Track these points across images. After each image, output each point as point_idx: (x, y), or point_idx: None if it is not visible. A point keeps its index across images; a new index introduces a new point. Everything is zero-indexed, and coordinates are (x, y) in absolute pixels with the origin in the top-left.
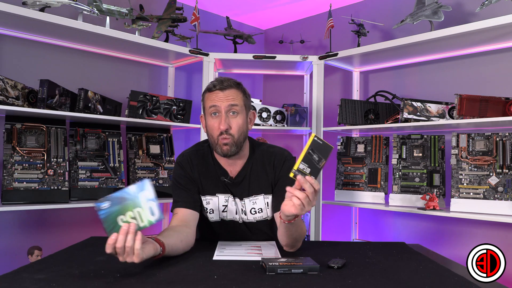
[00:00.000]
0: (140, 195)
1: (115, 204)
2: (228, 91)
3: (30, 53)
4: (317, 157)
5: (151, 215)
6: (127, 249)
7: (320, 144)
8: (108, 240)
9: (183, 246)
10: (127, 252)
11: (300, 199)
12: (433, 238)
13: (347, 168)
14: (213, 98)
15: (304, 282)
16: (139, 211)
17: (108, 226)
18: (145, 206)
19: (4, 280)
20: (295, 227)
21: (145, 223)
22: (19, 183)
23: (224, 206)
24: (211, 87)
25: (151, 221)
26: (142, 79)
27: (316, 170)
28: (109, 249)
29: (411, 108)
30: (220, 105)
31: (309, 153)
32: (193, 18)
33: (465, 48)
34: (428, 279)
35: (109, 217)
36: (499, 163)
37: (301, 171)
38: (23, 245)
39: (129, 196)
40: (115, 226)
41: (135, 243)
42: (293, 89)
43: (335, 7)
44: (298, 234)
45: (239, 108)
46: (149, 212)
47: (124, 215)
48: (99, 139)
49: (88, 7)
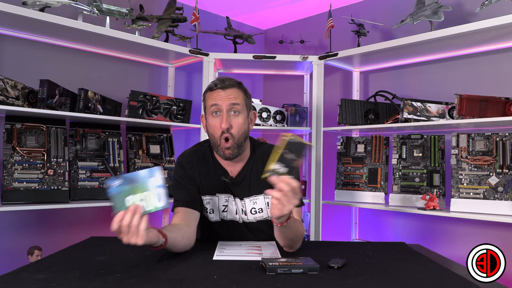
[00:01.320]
0: (150, 180)
1: (126, 183)
2: (230, 90)
3: (30, 53)
4: (293, 156)
5: (158, 201)
6: (132, 229)
7: (295, 143)
8: (115, 217)
9: (184, 243)
10: (132, 232)
11: (278, 199)
12: (433, 238)
13: (347, 168)
14: (215, 97)
15: (304, 282)
16: (147, 195)
17: (116, 203)
18: (153, 192)
19: (4, 280)
20: (289, 229)
21: (151, 208)
22: (19, 183)
23: (224, 206)
24: (212, 86)
25: (157, 207)
26: (142, 79)
27: (292, 169)
28: (116, 225)
29: (411, 108)
30: (222, 104)
31: (284, 153)
32: (193, 18)
33: (465, 48)
34: (428, 279)
35: (118, 195)
36: (499, 163)
37: (276, 171)
38: (23, 245)
39: (139, 179)
40: (122, 204)
41: (141, 223)
42: (293, 89)
43: (335, 7)
44: (294, 235)
45: (240, 107)
46: (156, 198)
47: (133, 195)
48: (99, 139)
49: (88, 7)
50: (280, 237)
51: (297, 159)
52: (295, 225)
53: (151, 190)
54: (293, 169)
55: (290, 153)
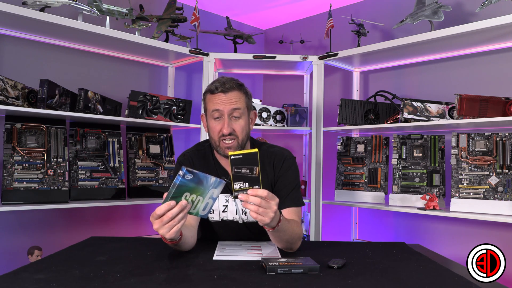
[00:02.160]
0: (211, 190)
1: (194, 181)
2: (231, 93)
3: (30, 53)
4: (247, 169)
5: (203, 210)
6: (172, 221)
7: (241, 158)
8: (166, 204)
9: (191, 242)
10: (170, 225)
11: (255, 212)
12: (433, 238)
13: (347, 168)
14: (216, 101)
15: (304, 282)
16: (200, 199)
17: (173, 192)
18: (205, 200)
19: (4, 280)
20: (283, 232)
21: (194, 212)
22: (19, 183)
23: (224, 206)
24: (213, 89)
25: (200, 214)
26: (142, 79)
27: (254, 179)
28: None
29: (411, 108)
30: (223, 109)
31: (235, 171)
32: (193, 18)
33: (465, 48)
34: (428, 279)
35: (181, 187)
36: (499, 163)
37: (240, 189)
38: (23, 245)
39: (205, 183)
40: (178, 196)
41: (181, 222)
42: (293, 89)
43: (335, 7)
44: (289, 237)
45: (242, 111)
46: (203, 206)
47: (190, 193)
48: (99, 139)
49: (88, 7)
50: (275, 240)
51: (252, 169)
52: (288, 227)
53: (205, 198)
54: (255, 179)
55: (241, 167)
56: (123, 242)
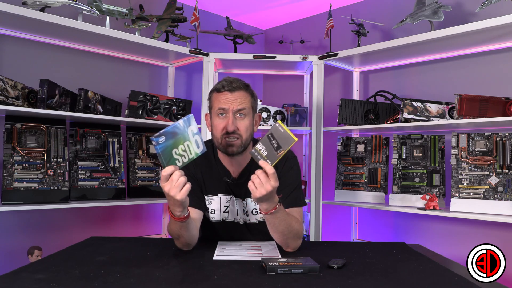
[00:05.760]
0: (188, 129)
1: (169, 138)
2: (237, 93)
3: (30, 53)
4: (276, 144)
5: (197, 148)
6: (179, 182)
7: (281, 132)
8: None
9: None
10: (179, 182)
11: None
12: (433, 238)
13: (347, 168)
14: (222, 100)
15: (304, 282)
16: (188, 144)
17: (165, 159)
18: (192, 140)
19: (4, 280)
20: (278, 220)
21: (193, 155)
22: (19, 183)
23: (225, 206)
24: (220, 88)
25: (197, 153)
26: (142, 79)
27: (273, 156)
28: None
29: (411, 108)
30: (229, 108)
31: (269, 137)
32: (193, 18)
33: (465, 48)
34: (428, 279)
35: (165, 150)
36: (499, 163)
37: (258, 151)
38: (23, 245)
39: (179, 130)
40: (170, 158)
41: (187, 184)
42: (293, 89)
43: (335, 7)
44: (285, 228)
45: (247, 111)
46: (195, 145)
47: (177, 148)
48: (99, 139)
49: (88, 7)
50: (271, 229)
51: (279, 149)
52: (285, 218)
53: (191, 139)
54: (273, 156)
55: (274, 139)
56: (123, 242)
